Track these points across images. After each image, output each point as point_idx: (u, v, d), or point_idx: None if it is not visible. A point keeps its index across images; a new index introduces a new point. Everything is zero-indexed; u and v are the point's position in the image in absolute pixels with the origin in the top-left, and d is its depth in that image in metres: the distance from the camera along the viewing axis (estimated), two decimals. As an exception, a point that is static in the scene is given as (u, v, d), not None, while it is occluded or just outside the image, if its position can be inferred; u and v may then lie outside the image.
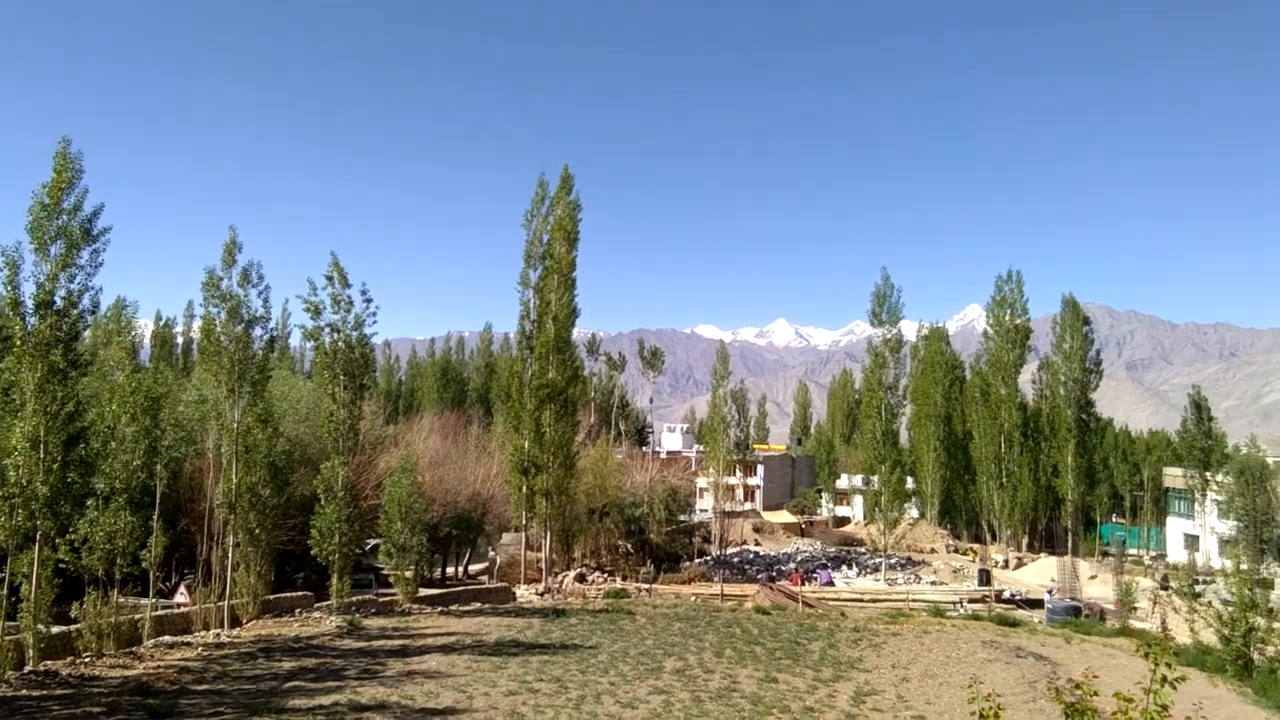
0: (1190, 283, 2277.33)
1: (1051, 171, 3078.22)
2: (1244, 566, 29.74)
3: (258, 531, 31.56)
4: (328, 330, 34.61)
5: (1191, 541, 73.01)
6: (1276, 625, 28.19)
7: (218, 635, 29.43)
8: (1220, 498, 66.50)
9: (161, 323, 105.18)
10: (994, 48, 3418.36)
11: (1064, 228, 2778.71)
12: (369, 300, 35.11)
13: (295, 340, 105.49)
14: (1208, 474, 69.39)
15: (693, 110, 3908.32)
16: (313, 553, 33.70)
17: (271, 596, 34.06)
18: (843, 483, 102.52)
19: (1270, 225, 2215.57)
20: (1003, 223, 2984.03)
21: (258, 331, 32.79)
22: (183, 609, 31.59)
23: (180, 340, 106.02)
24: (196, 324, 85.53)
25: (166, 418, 33.35)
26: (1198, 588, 40.72)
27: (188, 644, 27.77)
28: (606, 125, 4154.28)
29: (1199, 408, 74.54)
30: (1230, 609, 29.05)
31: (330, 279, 34.62)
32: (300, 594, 36.60)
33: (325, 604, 34.47)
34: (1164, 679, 6.90)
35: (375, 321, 35.48)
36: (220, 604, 31.20)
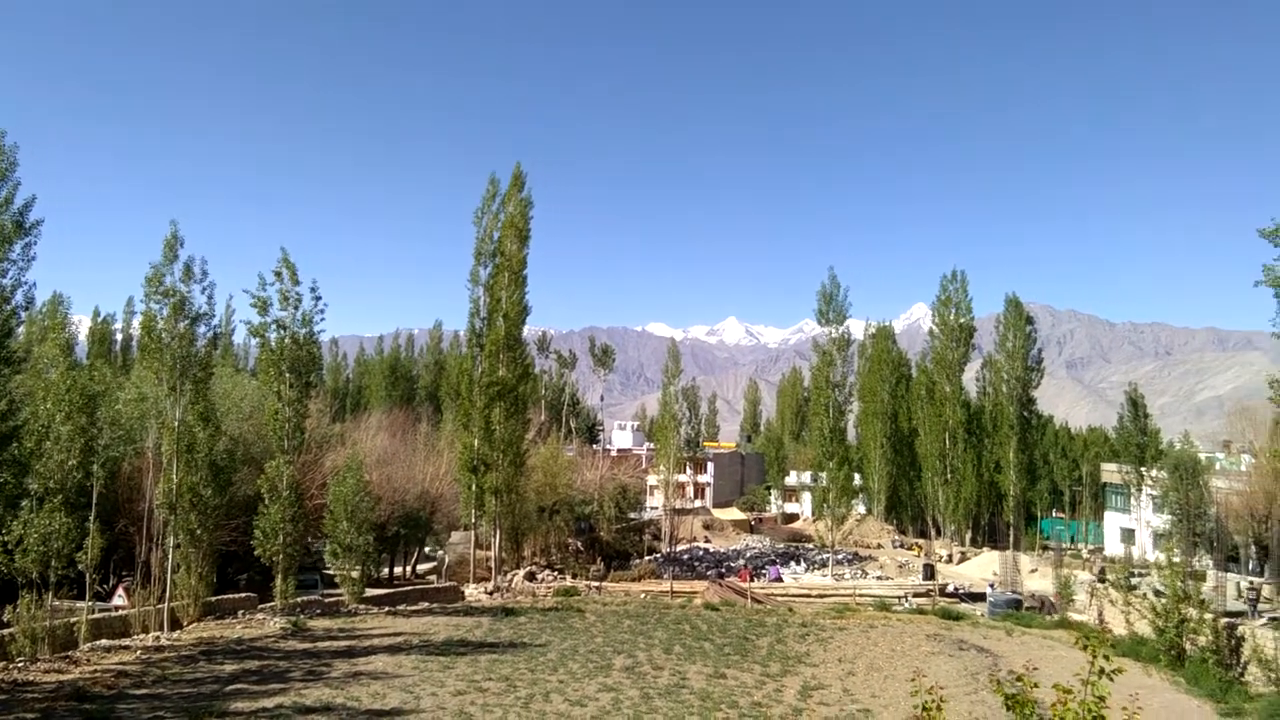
0: (1128, 283, 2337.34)
1: (996, 174, 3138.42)
2: (1177, 559, 30.60)
3: (199, 532, 30.91)
4: (274, 327, 34.07)
5: (1128, 535, 74.97)
6: (1208, 617, 29.06)
7: (157, 638, 28.80)
8: (1155, 492, 68.40)
9: (100, 319, 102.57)
10: (940, 51, 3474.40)
11: (1008, 229, 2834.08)
12: (318, 297, 34.68)
13: (239, 337, 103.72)
14: (1143, 469, 71.32)
15: (644, 109, 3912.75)
16: (256, 553, 33.16)
17: (213, 598, 33.45)
18: (791, 480, 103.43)
19: (1204, 227, 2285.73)
20: (949, 224, 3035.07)
21: (201, 328, 32.15)
22: (121, 612, 30.84)
23: (119, 337, 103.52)
24: (137, 320, 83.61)
25: (103, 416, 32.61)
26: (1133, 580, 41.98)
27: (126, 647, 27.16)
28: (559, 124, 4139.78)
29: (1135, 405, 76.56)
30: (1164, 601, 29.90)
31: (279, 275, 34.08)
32: (243, 595, 35.98)
33: (269, 605, 33.92)
34: (1101, 671, 7.10)
35: (324, 319, 35.08)
36: (160, 606, 30.50)
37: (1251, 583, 49.05)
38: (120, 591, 32.47)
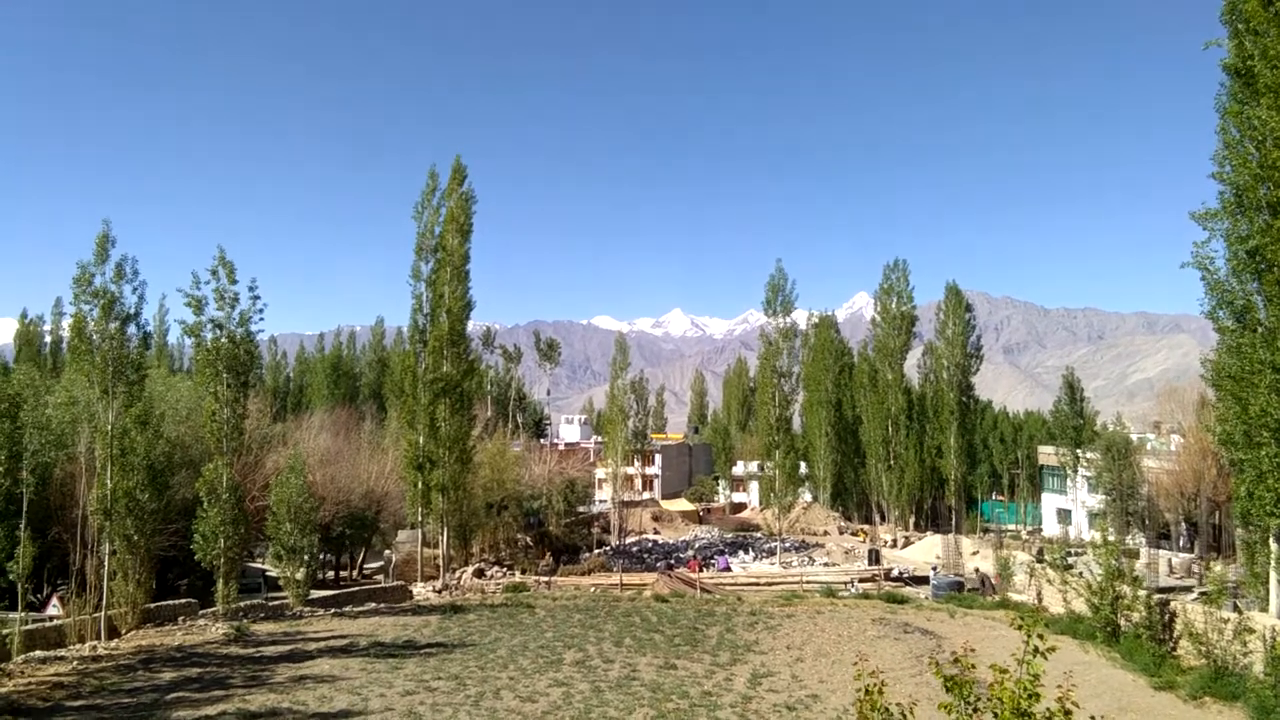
0: (1061, 269, 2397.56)
1: (934, 163, 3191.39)
2: (1111, 538, 31.47)
3: (136, 538, 30.17)
4: (210, 326, 33.35)
5: (1064, 516, 76.98)
6: (1141, 593, 29.98)
7: (94, 648, 28.06)
8: (1090, 473, 70.28)
9: (27, 321, 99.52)
10: (875, 48, 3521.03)
11: (946, 218, 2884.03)
12: (256, 296, 34.00)
13: (174, 337, 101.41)
14: (1078, 451, 73.17)
15: (586, 104, 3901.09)
16: (196, 558, 32.45)
17: (152, 605, 32.64)
18: (739, 469, 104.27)
19: (1133, 213, 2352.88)
20: (889, 214, 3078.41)
21: (131, 328, 31.38)
22: (55, 621, 29.95)
23: (49, 339, 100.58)
24: (66, 322, 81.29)
25: (28, 420, 31.63)
26: (1070, 560, 43.06)
27: (61, 658, 26.40)
28: (500, 118, 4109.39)
29: (1072, 388, 78.49)
30: (1098, 579, 30.76)
31: (215, 273, 33.36)
32: (184, 601, 35.16)
33: (211, 610, 33.22)
34: (1036, 650, 7.32)
35: (263, 318, 34.41)
36: (96, 615, 29.71)
37: (1201, 557, 50.59)
38: (55, 601, 31.60)
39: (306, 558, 36.58)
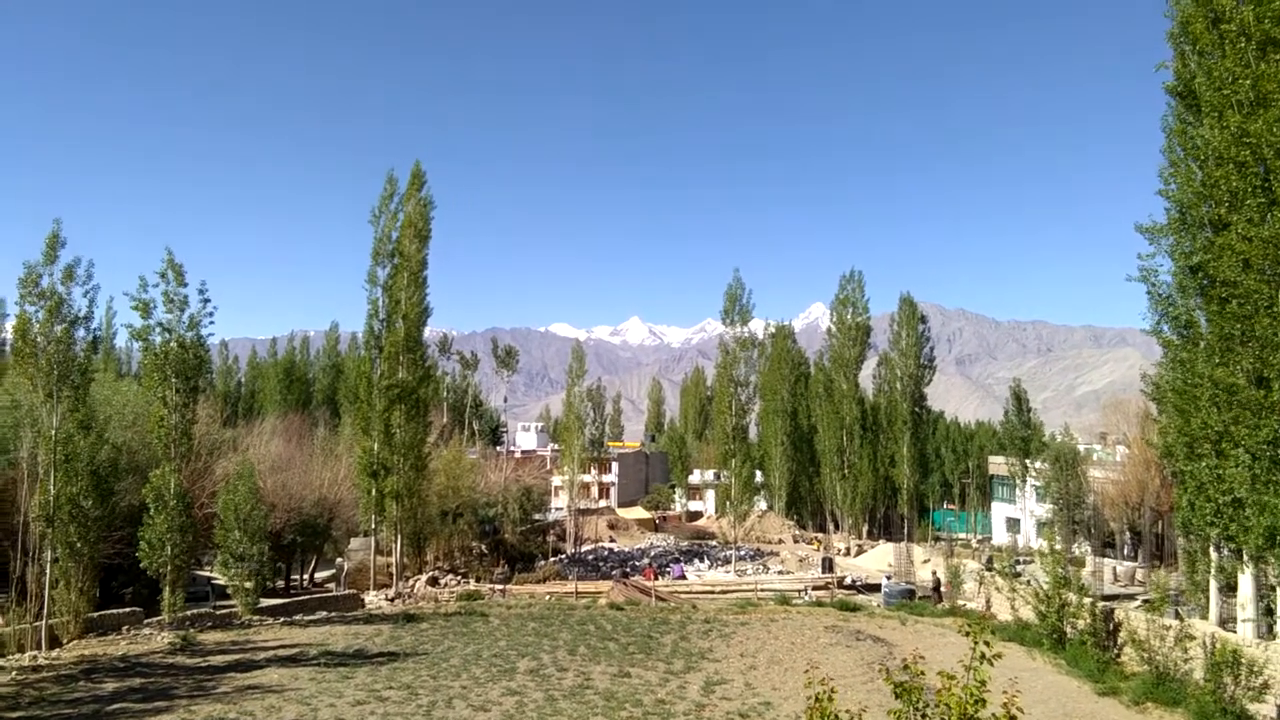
0: (1012, 283, 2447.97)
1: (889, 176, 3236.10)
2: (1058, 546, 32.07)
3: (79, 545, 29.47)
4: (158, 330, 32.77)
5: (1013, 525, 78.20)
6: (1086, 601, 30.59)
7: (34, 658, 27.36)
8: (1038, 483, 71.54)
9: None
10: (832, 60, 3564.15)
11: (903, 231, 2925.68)
12: (206, 299, 33.51)
13: (121, 340, 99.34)
14: (1027, 461, 74.46)
15: (543, 109, 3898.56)
16: (142, 565, 31.79)
17: (96, 614, 31.89)
18: (695, 478, 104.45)
19: (1081, 228, 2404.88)
20: (846, 225, 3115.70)
21: (80, 332, 30.77)
22: (-7, 631, 29.14)
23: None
24: (9, 323, 79.22)
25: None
26: (1018, 568, 43.82)
27: (1, 668, 25.70)
28: (457, 123, 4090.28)
29: (1019, 400, 79.81)
30: (1045, 587, 31.35)
31: (164, 276, 32.83)
32: (128, 610, 34.37)
33: (156, 619, 32.55)
34: (983, 657, 7.48)
35: (213, 322, 33.90)
36: (37, 624, 28.97)
37: (1145, 566, 51.51)
38: (-8, 610, 30.71)
39: (256, 566, 35.99)
